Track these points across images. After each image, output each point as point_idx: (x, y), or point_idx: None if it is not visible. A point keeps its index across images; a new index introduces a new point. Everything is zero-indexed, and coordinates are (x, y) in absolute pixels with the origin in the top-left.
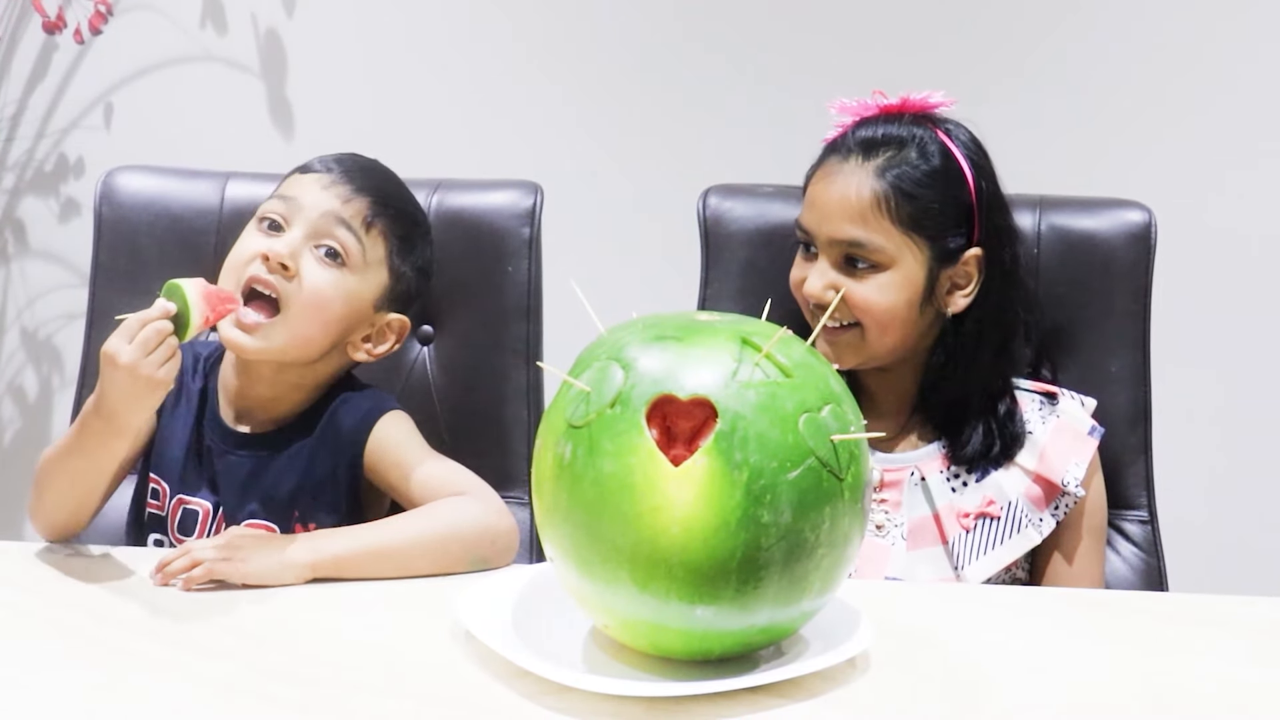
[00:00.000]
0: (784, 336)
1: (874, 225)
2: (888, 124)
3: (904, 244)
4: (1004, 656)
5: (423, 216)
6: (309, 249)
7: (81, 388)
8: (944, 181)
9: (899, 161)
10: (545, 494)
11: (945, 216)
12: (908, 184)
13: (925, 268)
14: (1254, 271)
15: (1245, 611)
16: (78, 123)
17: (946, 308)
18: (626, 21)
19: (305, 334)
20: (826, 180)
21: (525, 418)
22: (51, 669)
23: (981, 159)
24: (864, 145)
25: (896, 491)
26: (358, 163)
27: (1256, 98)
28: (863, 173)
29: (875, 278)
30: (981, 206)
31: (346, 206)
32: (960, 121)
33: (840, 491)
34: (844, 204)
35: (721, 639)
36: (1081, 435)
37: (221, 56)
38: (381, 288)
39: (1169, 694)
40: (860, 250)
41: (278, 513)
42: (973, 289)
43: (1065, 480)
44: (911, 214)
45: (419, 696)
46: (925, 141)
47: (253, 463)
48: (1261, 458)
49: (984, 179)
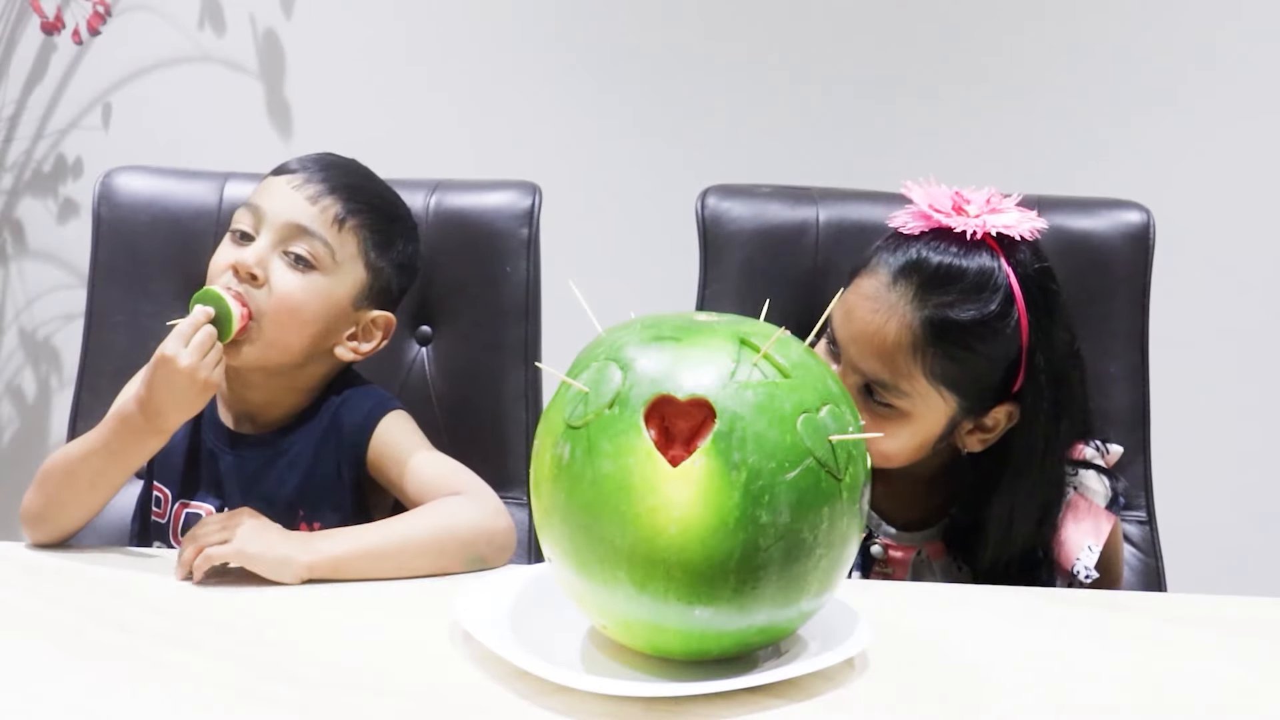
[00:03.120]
0: (782, 337)
1: (903, 371)
2: (956, 251)
3: (931, 395)
4: (1003, 657)
5: (403, 211)
6: (278, 255)
7: (80, 388)
8: (994, 340)
9: (951, 309)
10: (543, 494)
11: (986, 377)
12: (952, 341)
13: (948, 418)
14: (1252, 272)
15: (1245, 611)
16: (76, 123)
17: (963, 446)
18: (625, 22)
19: (282, 340)
20: (867, 299)
21: (523, 418)
22: (51, 670)
23: (1044, 299)
24: (921, 275)
25: (902, 570)
26: (329, 161)
27: (1256, 97)
28: (906, 310)
29: (890, 417)
30: (1030, 366)
31: (314, 206)
32: (1042, 254)
33: (839, 492)
34: (878, 338)
35: (720, 639)
36: (1097, 514)
37: (220, 57)
38: (359, 285)
39: (1169, 694)
40: (881, 390)
41: (282, 513)
42: (996, 435)
43: (1076, 569)
44: (948, 372)
45: (418, 696)
46: (986, 283)
47: (255, 463)
48: (1261, 458)
49: (1040, 336)
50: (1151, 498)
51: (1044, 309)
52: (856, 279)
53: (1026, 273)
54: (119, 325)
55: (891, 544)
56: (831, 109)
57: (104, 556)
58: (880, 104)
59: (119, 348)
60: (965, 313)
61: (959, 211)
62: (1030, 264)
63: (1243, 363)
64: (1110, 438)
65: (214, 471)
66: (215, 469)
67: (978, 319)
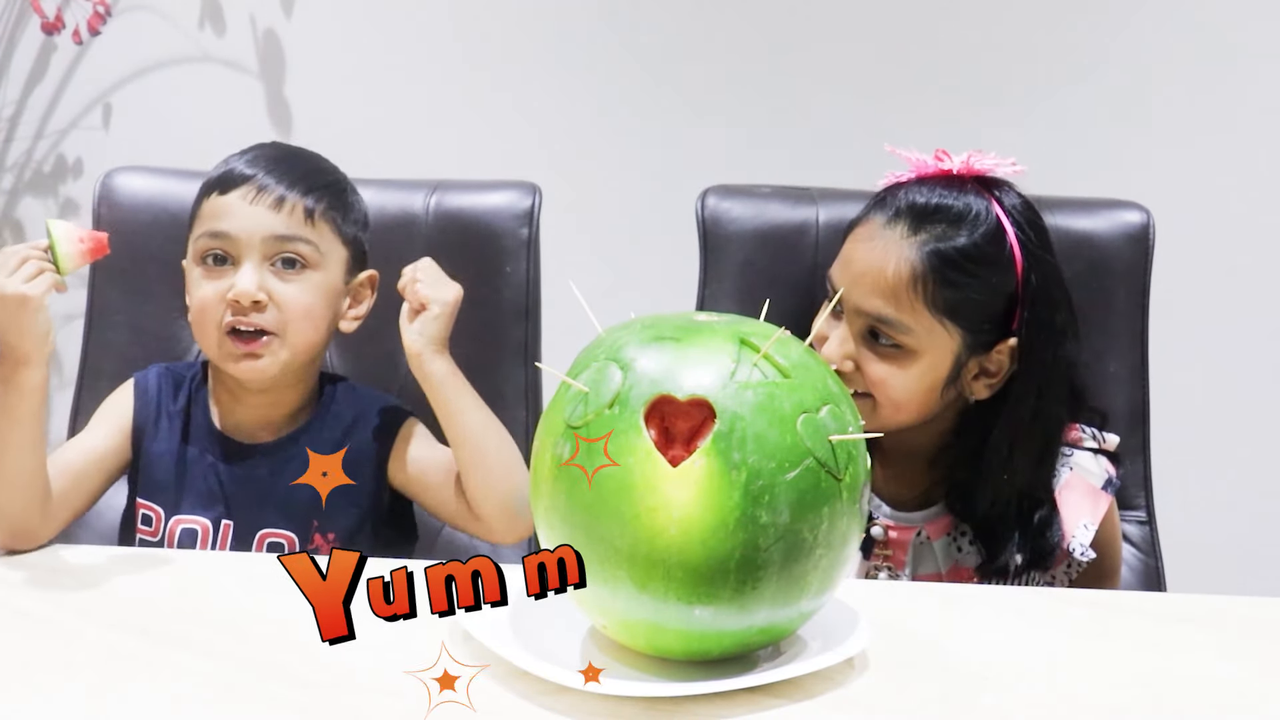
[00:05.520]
0: (782, 337)
1: (905, 305)
2: (943, 190)
3: (935, 328)
4: (1002, 656)
5: (341, 173)
6: (268, 272)
7: (80, 388)
8: (991, 269)
9: (946, 239)
10: (543, 494)
11: (986, 306)
12: (951, 269)
13: (953, 355)
14: (1252, 272)
15: (1244, 611)
16: (76, 123)
17: (970, 394)
18: (625, 22)
19: (306, 341)
20: (866, 242)
21: (524, 418)
22: (50, 671)
23: (1037, 245)
24: (913, 213)
25: (902, 551)
26: (264, 157)
27: (1255, 97)
28: (905, 246)
29: (897, 358)
30: (1026, 298)
31: (281, 212)
32: (1026, 196)
33: (838, 492)
34: (878, 276)
35: (720, 639)
36: (1093, 492)
37: (220, 57)
38: (344, 263)
39: (1168, 694)
40: (886, 328)
41: (296, 522)
42: (1000, 380)
43: (1072, 545)
44: (948, 301)
45: (418, 696)
46: (979, 219)
47: (268, 473)
48: (1260, 458)
49: (1035, 268)
50: (1151, 498)
51: (1036, 241)
52: (853, 232)
53: (1014, 207)
54: (119, 325)
55: (891, 525)
56: (831, 109)
57: (104, 556)
58: (880, 104)
59: (119, 348)
60: (959, 241)
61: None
62: (1016, 201)
63: (1243, 363)
64: (1107, 425)
65: (214, 484)
66: (215, 482)
67: (971, 246)
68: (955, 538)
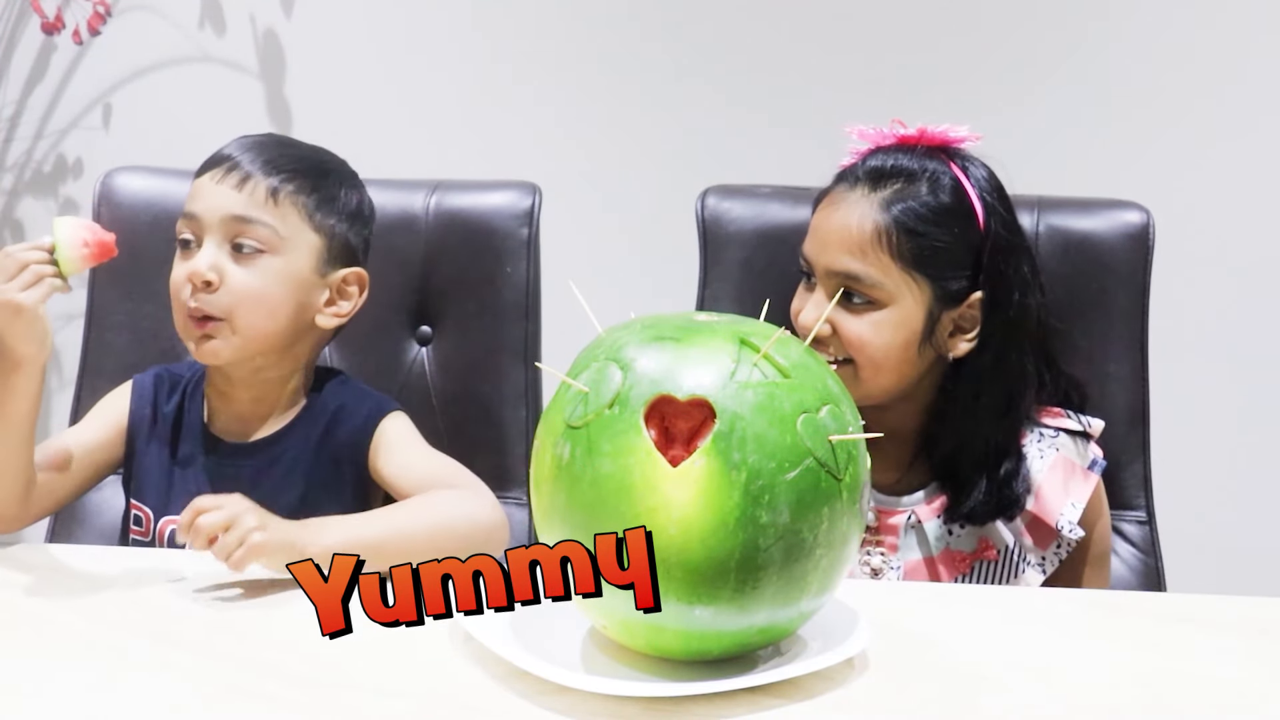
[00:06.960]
0: (782, 337)
1: (872, 259)
2: (900, 154)
3: (904, 282)
4: (1002, 657)
5: (334, 163)
6: (225, 254)
7: (80, 388)
8: (952, 219)
9: (906, 195)
10: (543, 494)
11: (950, 256)
12: (912, 219)
13: (925, 308)
14: (1251, 272)
15: (1244, 612)
16: (76, 123)
17: (948, 351)
18: (625, 22)
19: (260, 329)
20: (830, 208)
21: (523, 418)
22: (49, 670)
23: (997, 199)
24: (872, 175)
25: (893, 535)
26: (245, 144)
27: (1255, 97)
28: (867, 204)
29: (871, 315)
30: (988, 248)
31: (242, 192)
32: (982, 159)
33: (838, 492)
34: (844, 234)
35: (720, 639)
36: (1079, 472)
37: (220, 57)
38: (315, 252)
39: (1168, 694)
40: (857, 284)
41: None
42: (975, 334)
43: (1060, 524)
44: (914, 251)
45: (418, 696)
46: (937, 175)
47: (250, 472)
48: (1260, 458)
49: (996, 220)
50: (1151, 498)
51: (995, 196)
52: (819, 205)
53: (974, 173)
54: (119, 325)
55: (882, 509)
56: (831, 109)
57: (103, 556)
58: (881, 105)
59: (119, 348)
60: (920, 197)
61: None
62: (976, 168)
63: (1242, 363)
64: (1087, 402)
65: (201, 484)
66: (203, 481)
67: (931, 197)
68: (945, 521)
